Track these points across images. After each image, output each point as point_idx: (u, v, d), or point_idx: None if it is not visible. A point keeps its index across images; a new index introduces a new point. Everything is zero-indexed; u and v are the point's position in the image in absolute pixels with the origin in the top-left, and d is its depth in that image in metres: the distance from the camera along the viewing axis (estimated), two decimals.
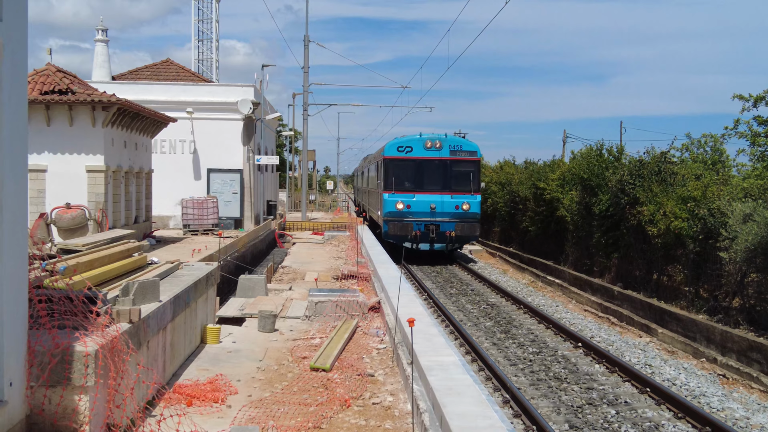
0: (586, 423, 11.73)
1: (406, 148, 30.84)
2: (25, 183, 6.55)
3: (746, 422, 11.97)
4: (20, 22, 6.30)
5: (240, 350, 11.68)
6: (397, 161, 30.87)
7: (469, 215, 30.40)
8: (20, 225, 6.40)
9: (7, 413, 6.04)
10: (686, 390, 13.73)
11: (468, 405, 7.11)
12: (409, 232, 29.85)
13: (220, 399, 8.99)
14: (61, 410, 6.50)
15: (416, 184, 30.47)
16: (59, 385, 6.50)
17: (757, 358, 15.17)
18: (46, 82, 20.54)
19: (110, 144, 21.43)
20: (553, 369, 15.02)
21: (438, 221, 30.04)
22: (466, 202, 30.18)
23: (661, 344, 18.27)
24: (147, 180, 26.42)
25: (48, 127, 20.48)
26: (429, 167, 30.58)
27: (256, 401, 8.88)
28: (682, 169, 23.77)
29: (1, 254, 6.01)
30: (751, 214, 17.36)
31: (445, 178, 30.50)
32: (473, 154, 31.13)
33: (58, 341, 6.65)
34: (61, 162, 20.71)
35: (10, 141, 6.07)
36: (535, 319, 20.43)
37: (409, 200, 30.17)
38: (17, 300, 6.29)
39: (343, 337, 12.08)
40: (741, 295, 18.75)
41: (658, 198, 21.88)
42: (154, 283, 9.79)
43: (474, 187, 30.63)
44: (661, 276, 23.15)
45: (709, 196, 20.16)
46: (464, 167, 30.74)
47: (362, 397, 9.29)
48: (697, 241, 20.02)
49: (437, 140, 30.73)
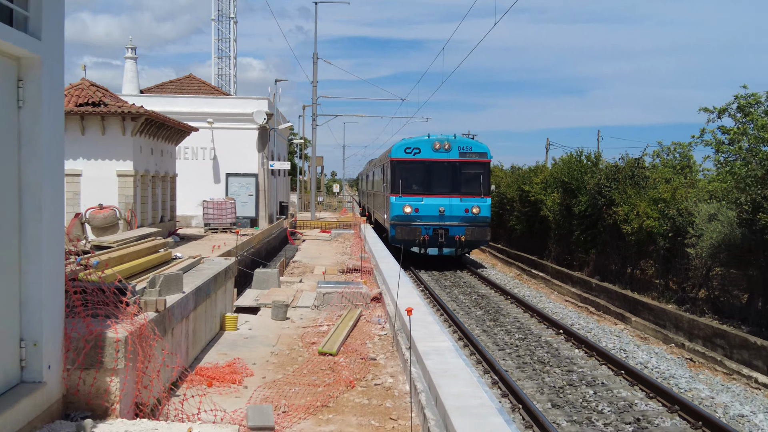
0: (566, 402, 11.75)
1: (414, 149, 27.27)
2: (62, 186, 6.56)
3: (711, 401, 11.98)
4: (57, 41, 6.31)
5: (255, 336, 11.70)
6: (404, 163, 27.28)
7: (480, 219, 26.89)
8: (57, 224, 6.41)
9: (46, 393, 6.06)
10: (657, 372, 13.76)
11: (461, 386, 7.12)
12: (418, 236, 26.33)
13: (237, 380, 8.99)
14: (95, 390, 6.50)
15: (424, 186, 26.94)
16: (93, 367, 6.51)
17: (720, 344, 15.19)
18: (81, 95, 20.60)
19: (138, 151, 21.46)
20: (537, 353, 15.04)
21: (447, 225, 26.55)
22: (477, 205, 26.70)
23: (635, 331, 18.29)
24: (171, 183, 26.45)
25: (82, 135, 20.52)
26: (438, 169, 27.08)
27: (270, 382, 8.89)
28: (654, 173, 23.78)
29: (40, 250, 6.02)
30: (716, 214, 17.38)
31: (455, 180, 26.98)
32: (483, 156, 27.52)
33: (92, 328, 6.65)
34: (94, 167, 20.77)
35: (48, 148, 6.08)
36: (520, 309, 20.44)
37: (417, 203, 26.67)
38: (55, 291, 6.31)
39: (348, 325, 12.09)
40: (706, 287, 18.77)
41: (632, 199, 21.88)
42: (178, 276, 9.81)
43: (484, 189, 27.14)
44: (635, 270, 23.17)
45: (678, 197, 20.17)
46: (474, 169, 27.17)
47: (365, 378, 9.30)
48: (666, 238, 20.03)
49: (446, 141, 27.17)
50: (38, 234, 5.99)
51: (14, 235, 5.88)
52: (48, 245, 6.14)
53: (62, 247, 6.62)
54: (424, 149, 27.12)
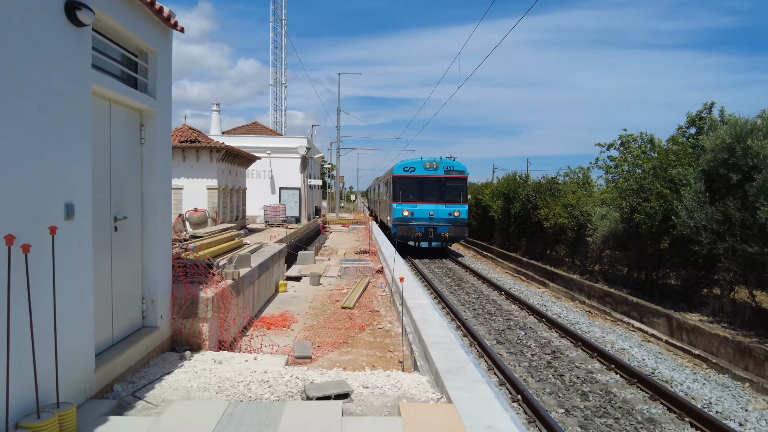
0: (506, 340, 11.76)
1: (410, 168, 25.86)
2: (170, 196, 6.60)
3: (603, 339, 11.99)
4: (166, 98, 6.36)
5: (299, 296, 11.74)
6: (403, 178, 25.70)
7: (459, 220, 25.44)
8: (167, 221, 6.45)
9: (159, 334, 6.10)
10: (566, 320, 13.77)
11: (435, 329, 7.14)
12: (413, 233, 25.01)
13: (286, 325, 9.05)
14: (192, 332, 6.55)
15: (418, 196, 25.47)
16: (190, 317, 6.55)
17: (609, 301, 15.20)
18: (182, 135, 20.61)
19: (221, 172, 21.47)
20: (486, 307, 15.05)
21: (435, 225, 25.25)
22: (457, 210, 25.34)
23: (552, 293, 18.30)
24: (242, 194, 26.46)
25: (183, 162, 20.54)
26: (428, 183, 25.60)
27: (308, 327, 8.94)
28: (564, 187, 23.79)
29: (155, 239, 6.06)
30: (606, 214, 17.38)
31: (441, 191, 25.52)
32: (462, 173, 25.99)
33: (190, 291, 6.70)
34: (191, 183, 20.78)
35: (161, 171, 6.12)
36: (476, 278, 20.43)
37: (412, 209, 25.30)
38: (165, 266, 6.35)
39: (361, 288, 12.12)
40: (600, 263, 18.78)
41: (550, 205, 21.89)
42: (247, 256, 9.86)
43: (463, 198, 25.69)
44: (552, 252, 23.17)
45: (580, 203, 20.16)
46: (455, 183, 25.70)
47: (372, 324, 9.34)
48: (573, 230, 20.04)
49: (434, 162, 25.79)
50: (154, 228, 6.03)
51: (138, 229, 5.93)
52: (161, 235, 6.18)
53: (170, 236, 6.66)
54: (418, 168, 25.88)
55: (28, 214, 3.77)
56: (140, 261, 5.94)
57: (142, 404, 4.71)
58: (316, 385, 5.10)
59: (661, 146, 19.58)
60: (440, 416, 4.35)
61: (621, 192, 16.97)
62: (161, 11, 5.82)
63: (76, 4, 4.19)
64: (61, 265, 4.10)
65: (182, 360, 5.93)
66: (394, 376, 5.64)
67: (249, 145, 30.94)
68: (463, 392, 4.77)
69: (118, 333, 5.48)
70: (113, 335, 5.39)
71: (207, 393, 5.02)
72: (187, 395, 4.94)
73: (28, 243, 3.68)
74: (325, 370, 5.86)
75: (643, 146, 22.78)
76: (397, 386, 5.29)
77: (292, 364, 6.62)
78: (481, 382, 5.03)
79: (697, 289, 14.18)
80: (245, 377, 5.44)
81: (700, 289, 14.08)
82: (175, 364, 5.78)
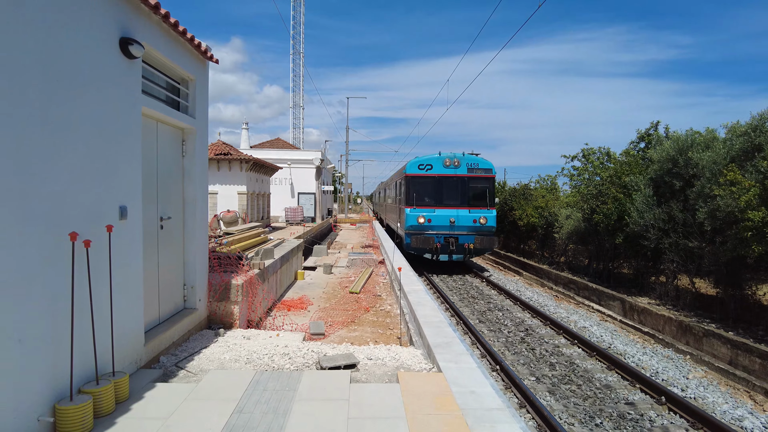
0: (487, 319, 11.74)
1: (426, 165, 18.69)
2: (206, 199, 6.61)
3: (567, 319, 11.96)
4: (204, 118, 6.36)
5: (314, 283, 11.73)
6: (418, 178, 18.55)
7: (486, 228, 18.04)
8: (204, 221, 6.46)
9: (197, 315, 6.09)
10: (537, 303, 13.73)
11: (428, 310, 7.11)
12: (431, 244, 17.71)
13: (304, 307, 9.04)
14: (225, 313, 6.55)
15: (436, 199, 18.37)
16: (223, 300, 6.55)
17: (573, 287, 15.17)
18: (217, 149, 20.60)
19: (249, 180, 21.47)
20: (470, 292, 15.01)
21: (457, 234, 17.99)
22: (483, 216, 18.02)
23: (525, 281, 18.24)
24: (267, 198, 26.44)
25: (218, 171, 20.53)
26: (448, 183, 18.40)
27: (322, 308, 8.93)
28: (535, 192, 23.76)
29: (195, 235, 6.06)
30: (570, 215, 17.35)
31: (463, 193, 18.36)
32: (488, 172, 18.78)
33: (223, 278, 6.70)
34: (224, 189, 20.77)
35: (199, 179, 6.12)
36: (460, 268, 20.42)
37: (429, 214, 18.04)
38: (203, 258, 6.35)
39: (366, 276, 12.10)
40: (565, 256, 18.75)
41: (523, 206, 21.86)
42: (271, 250, 9.85)
43: (489, 201, 18.40)
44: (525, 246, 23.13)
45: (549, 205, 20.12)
46: (481, 183, 18.54)
47: (375, 306, 9.32)
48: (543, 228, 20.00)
49: (455, 158, 18.61)
50: (193, 226, 6.03)
51: (180, 227, 5.93)
52: (199, 233, 6.18)
53: (206, 233, 6.67)
54: (436, 165, 18.72)
55: (88, 215, 3.78)
56: (182, 254, 5.94)
57: (184, 373, 4.72)
58: (328, 357, 5.10)
59: (616, 158, 19.53)
60: (432, 383, 4.35)
61: (582, 196, 16.94)
62: (199, 45, 5.83)
63: (129, 40, 4.20)
64: (116, 257, 4.11)
65: (217, 336, 5.94)
66: (394, 349, 5.64)
67: (272, 157, 30.93)
68: (451, 363, 4.76)
69: (163, 313, 5.48)
70: (159, 315, 5.40)
71: (237, 363, 5.02)
72: (221, 365, 4.95)
73: (89, 239, 3.69)
74: (336, 345, 5.86)
75: (602, 158, 22.76)
76: (396, 358, 5.29)
77: (308, 339, 6.62)
78: (466, 354, 5.03)
79: (647, 277, 14.16)
80: (269, 350, 5.44)
81: (648, 277, 14.06)
82: (211, 340, 5.78)
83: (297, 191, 32.55)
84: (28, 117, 3.14)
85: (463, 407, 3.82)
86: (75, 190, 3.61)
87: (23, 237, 3.10)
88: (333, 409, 3.82)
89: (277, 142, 39.73)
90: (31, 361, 3.16)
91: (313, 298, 9.93)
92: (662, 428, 6.12)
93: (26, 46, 3.13)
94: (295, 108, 53.31)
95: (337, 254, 17.85)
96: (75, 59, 3.60)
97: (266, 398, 4.04)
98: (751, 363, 8.35)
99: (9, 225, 3.00)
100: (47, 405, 3.31)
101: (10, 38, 3.00)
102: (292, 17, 51.44)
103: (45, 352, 3.29)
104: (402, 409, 3.82)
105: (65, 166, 3.49)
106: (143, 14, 4.53)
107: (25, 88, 3.11)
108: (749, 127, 10.31)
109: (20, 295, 3.08)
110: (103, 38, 3.96)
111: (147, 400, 3.94)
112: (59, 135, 3.43)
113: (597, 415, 6.65)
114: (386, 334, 7.45)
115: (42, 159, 3.27)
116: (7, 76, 2.98)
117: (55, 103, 3.38)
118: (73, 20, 3.58)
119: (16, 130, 3.05)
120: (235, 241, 9.96)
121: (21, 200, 3.09)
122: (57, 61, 3.40)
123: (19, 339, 3.07)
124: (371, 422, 3.61)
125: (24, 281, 3.11)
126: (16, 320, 3.06)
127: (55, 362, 3.38)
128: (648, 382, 7.40)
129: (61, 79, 3.44)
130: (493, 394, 4.05)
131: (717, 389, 7.82)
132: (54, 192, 3.38)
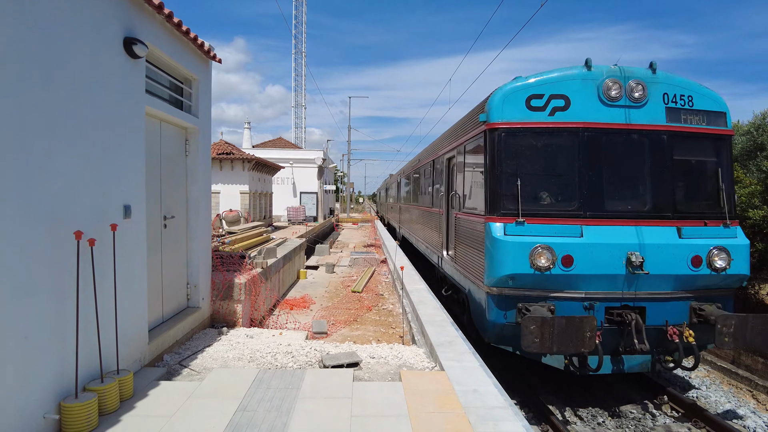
0: None
1: (550, 98, 3.96)
2: (209, 199, 6.62)
3: None
4: (207, 118, 6.37)
5: (316, 282, 11.72)
6: (530, 134, 3.86)
7: (729, 280, 3.85)
8: (208, 220, 6.47)
9: (201, 313, 6.11)
10: None
11: (430, 309, 7.11)
12: (582, 332, 3.59)
13: (306, 306, 9.04)
14: (228, 312, 6.56)
15: (582, 196, 3.91)
16: (226, 299, 6.56)
17: None
18: (220, 148, 20.62)
19: (251, 179, 21.49)
20: None
21: (644, 297, 3.84)
22: (720, 245, 3.81)
23: None
24: (269, 197, 26.46)
25: (220, 171, 20.55)
26: (616, 150, 3.86)
27: (324, 307, 8.92)
28: None
29: (198, 234, 6.08)
30: None
31: (661, 178, 3.95)
32: (720, 117, 3.93)
33: (226, 277, 6.71)
34: (226, 188, 20.80)
35: (202, 178, 6.14)
36: None
37: (569, 242, 3.86)
38: (206, 256, 6.37)
39: (368, 276, 12.10)
40: None
41: None
42: (274, 249, 9.86)
43: (727, 200, 4.01)
44: None
45: None
46: (704, 151, 3.85)
47: (377, 305, 9.32)
48: None
49: (634, 79, 4.10)
50: (197, 225, 6.05)
51: (184, 226, 5.95)
52: (202, 232, 6.20)
53: (209, 232, 6.68)
54: (580, 97, 4.35)
55: (93, 214, 3.80)
56: (185, 253, 5.96)
57: (187, 371, 4.73)
58: (331, 356, 5.11)
59: None
60: (434, 381, 4.35)
61: None
62: (202, 45, 5.85)
63: (133, 40, 4.21)
64: (120, 256, 4.13)
65: (220, 335, 5.95)
66: (396, 348, 5.64)
67: (275, 157, 30.94)
68: (454, 362, 4.76)
69: (167, 312, 5.50)
70: (163, 314, 5.41)
71: (241, 362, 5.03)
72: (224, 364, 4.96)
73: (93, 238, 3.71)
74: (339, 344, 5.87)
75: None
76: (398, 357, 5.29)
77: (311, 338, 6.63)
78: (469, 353, 5.03)
79: None
80: (272, 349, 5.45)
81: None
82: (214, 338, 5.79)
83: (299, 191, 32.57)
84: (32, 116, 3.16)
85: (466, 406, 3.83)
86: (80, 189, 3.62)
87: (29, 235, 3.12)
88: (336, 407, 3.83)
89: (279, 141, 39.79)
90: (36, 359, 3.18)
91: (315, 297, 9.92)
92: (665, 427, 6.12)
93: (31, 45, 3.15)
94: (297, 107, 53.38)
95: (339, 253, 17.85)
96: (79, 58, 3.61)
97: (269, 396, 4.05)
98: (753, 362, 8.33)
99: (15, 223, 3.02)
100: (53, 402, 3.32)
101: (14, 37, 3.02)
102: (294, 17, 51.50)
103: (50, 349, 3.31)
104: (405, 408, 3.83)
105: (70, 165, 3.50)
106: (147, 14, 4.55)
107: (29, 87, 3.13)
108: (752, 126, 10.29)
109: (26, 293, 3.10)
110: (108, 38, 3.97)
111: (151, 398, 3.95)
112: (64, 134, 3.45)
113: (598, 414, 6.65)
114: (389, 333, 7.44)
115: (47, 158, 3.28)
116: (11, 75, 3.00)
117: (59, 102, 3.40)
118: (78, 20, 3.59)
119: (20, 128, 3.07)
120: (238, 240, 9.97)
121: (27, 199, 3.11)
122: (61, 60, 3.42)
123: (25, 336, 3.09)
124: (374, 420, 3.62)
125: (30, 279, 3.12)
126: (22, 317, 3.07)
127: (60, 360, 3.40)
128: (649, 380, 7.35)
129: (65, 78, 3.46)
130: (495, 393, 4.06)
131: (719, 388, 7.80)
132: (59, 191, 3.39)
